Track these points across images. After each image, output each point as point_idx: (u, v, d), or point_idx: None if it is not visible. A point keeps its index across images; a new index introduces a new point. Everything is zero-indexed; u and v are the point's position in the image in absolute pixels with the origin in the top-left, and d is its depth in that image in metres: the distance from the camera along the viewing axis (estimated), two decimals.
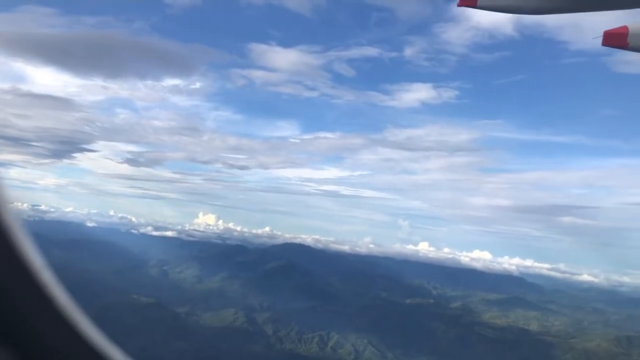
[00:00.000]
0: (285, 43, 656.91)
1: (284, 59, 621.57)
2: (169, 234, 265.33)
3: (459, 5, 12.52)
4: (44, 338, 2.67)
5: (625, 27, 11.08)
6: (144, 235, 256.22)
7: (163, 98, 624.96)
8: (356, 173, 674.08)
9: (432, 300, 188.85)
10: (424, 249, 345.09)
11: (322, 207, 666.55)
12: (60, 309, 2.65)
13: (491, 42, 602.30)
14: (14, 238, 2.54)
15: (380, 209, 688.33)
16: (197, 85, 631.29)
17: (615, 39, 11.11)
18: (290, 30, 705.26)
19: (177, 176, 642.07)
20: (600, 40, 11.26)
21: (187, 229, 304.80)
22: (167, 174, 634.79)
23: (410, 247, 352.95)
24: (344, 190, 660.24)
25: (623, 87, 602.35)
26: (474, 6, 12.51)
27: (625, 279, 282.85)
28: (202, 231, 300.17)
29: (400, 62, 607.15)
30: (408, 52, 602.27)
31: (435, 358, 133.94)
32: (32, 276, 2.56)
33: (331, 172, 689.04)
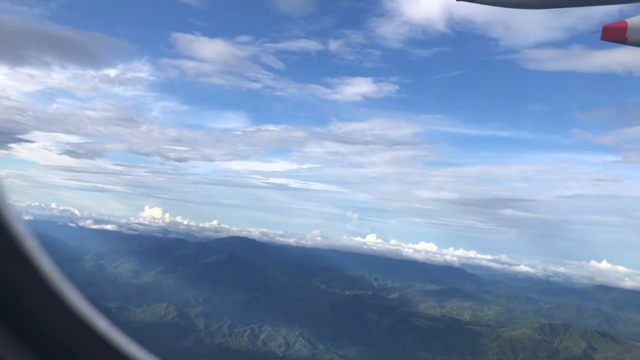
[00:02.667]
0: (211, 34, 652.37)
1: (211, 50, 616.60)
2: (109, 227, 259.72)
3: (457, 0, 12.45)
4: (51, 328, 2.71)
5: (624, 22, 11.14)
6: (82, 228, 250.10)
7: (96, 88, 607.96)
8: (305, 166, 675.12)
9: (371, 292, 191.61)
10: (371, 241, 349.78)
11: (272, 200, 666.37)
12: (61, 296, 2.68)
13: (425, 38, 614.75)
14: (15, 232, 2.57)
15: (330, 202, 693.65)
16: (129, 75, 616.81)
17: (614, 34, 11.15)
18: (214, 21, 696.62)
19: (120, 168, 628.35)
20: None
21: (131, 222, 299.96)
22: (109, 165, 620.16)
23: (359, 239, 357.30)
24: (293, 183, 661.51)
25: (548, 83, 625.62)
26: (475, 1, 12.49)
27: (561, 270, 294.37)
28: (146, 225, 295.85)
29: (336, 56, 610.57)
30: (344, 45, 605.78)
31: (364, 348, 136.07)
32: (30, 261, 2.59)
33: (280, 165, 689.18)
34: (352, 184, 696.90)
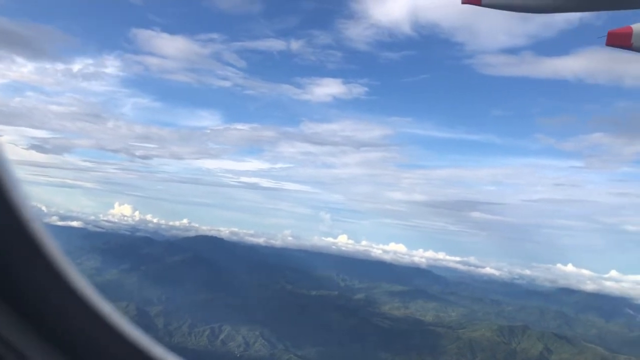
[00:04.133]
0: (171, 30, 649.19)
1: (172, 47, 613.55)
2: (75, 224, 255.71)
3: (463, 3, 12.45)
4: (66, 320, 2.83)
5: (630, 28, 11.06)
6: (46, 225, 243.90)
7: (60, 83, 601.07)
8: (277, 165, 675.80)
9: (336, 292, 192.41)
10: (342, 241, 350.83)
11: (245, 199, 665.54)
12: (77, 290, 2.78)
13: (392, 41, 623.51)
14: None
15: (303, 202, 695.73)
16: (92, 70, 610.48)
17: (619, 39, 11.07)
18: (171, 18, 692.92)
19: (89, 164, 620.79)
20: (604, 40, 11.22)
21: (100, 219, 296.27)
22: (77, 161, 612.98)
23: (330, 239, 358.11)
24: (265, 182, 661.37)
25: (508, 89, 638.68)
26: (478, 4, 12.40)
27: (527, 272, 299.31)
28: (114, 222, 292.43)
29: (304, 56, 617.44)
30: (312, 46, 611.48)
31: (324, 348, 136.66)
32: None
33: (252, 164, 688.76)
34: (325, 185, 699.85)
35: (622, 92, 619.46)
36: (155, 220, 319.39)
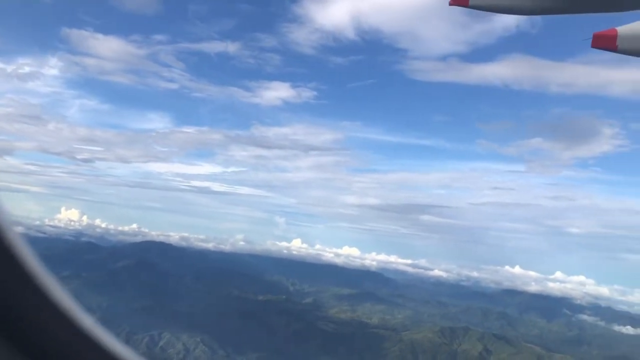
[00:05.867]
0: (104, 30, 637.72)
1: (107, 47, 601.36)
2: (16, 230, 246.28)
3: (450, 4, 12.07)
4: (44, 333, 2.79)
5: (614, 30, 10.91)
6: None
7: None
8: (230, 169, 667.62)
9: (284, 297, 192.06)
10: (296, 245, 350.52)
11: (199, 203, 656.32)
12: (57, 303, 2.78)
13: (336, 45, 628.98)
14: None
15: (257, 206, 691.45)
16: (27, 70, 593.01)
17: (604, 41, 10.95)
18: (101, 17, 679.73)
19: (33, 168, 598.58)
20: (589, 41, 11.00)
21: (45, 224, 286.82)
22: (20, 165, 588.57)
23: (284, 244, 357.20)
24: (218, 186, 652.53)
25: (445, 95, 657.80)
26: (466, 5, 12.13)
27: (475, 274, 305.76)
28: (59, 227, 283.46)
29: (248, 59, 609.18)
30: (256, 49, 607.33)
31: (266, 354, 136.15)
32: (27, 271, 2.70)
33: (204, 168, 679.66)
34: (278, 189, 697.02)
35: (551, 98, 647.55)
36: (103, 225, 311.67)
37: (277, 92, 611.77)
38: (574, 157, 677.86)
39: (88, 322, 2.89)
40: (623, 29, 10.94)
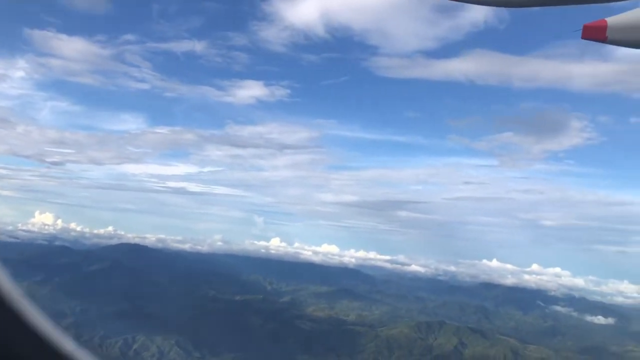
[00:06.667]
0: (69, 31, 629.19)
1: (71, 48, 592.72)
2: None
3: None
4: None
5: (604, 21, 10.83)
6: None
7: None
8: (206, 169, 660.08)
9: (261, 296, 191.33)
10: (274, 244, 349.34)
11: (175, 204, 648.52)
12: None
13: (308, 43, 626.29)
14: None
15: (235, 206, 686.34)
16: None
17: (594, 33, 10.87)
18: (65, 18, 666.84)
19: (3, 171, 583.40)
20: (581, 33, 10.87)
21: (18, 229, 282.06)
22: None
23: (263, 243, 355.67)
24: (193, 187, 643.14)
25: (413, 91, 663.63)
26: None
27: (452, 268, 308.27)
28: (33, 232, 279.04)
29: (218, 58, 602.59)
30: (226, 47, 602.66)
31: (242, 354, 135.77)
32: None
33: (179, 169, 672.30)
34: (256, 188, 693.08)
35: (518, 93, 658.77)
36: (78, 229, 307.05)
37: (250, 91, 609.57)
38: (545, 151, 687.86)
39: (47, 327, 2.84)
40: (613, 20, 10.95)
